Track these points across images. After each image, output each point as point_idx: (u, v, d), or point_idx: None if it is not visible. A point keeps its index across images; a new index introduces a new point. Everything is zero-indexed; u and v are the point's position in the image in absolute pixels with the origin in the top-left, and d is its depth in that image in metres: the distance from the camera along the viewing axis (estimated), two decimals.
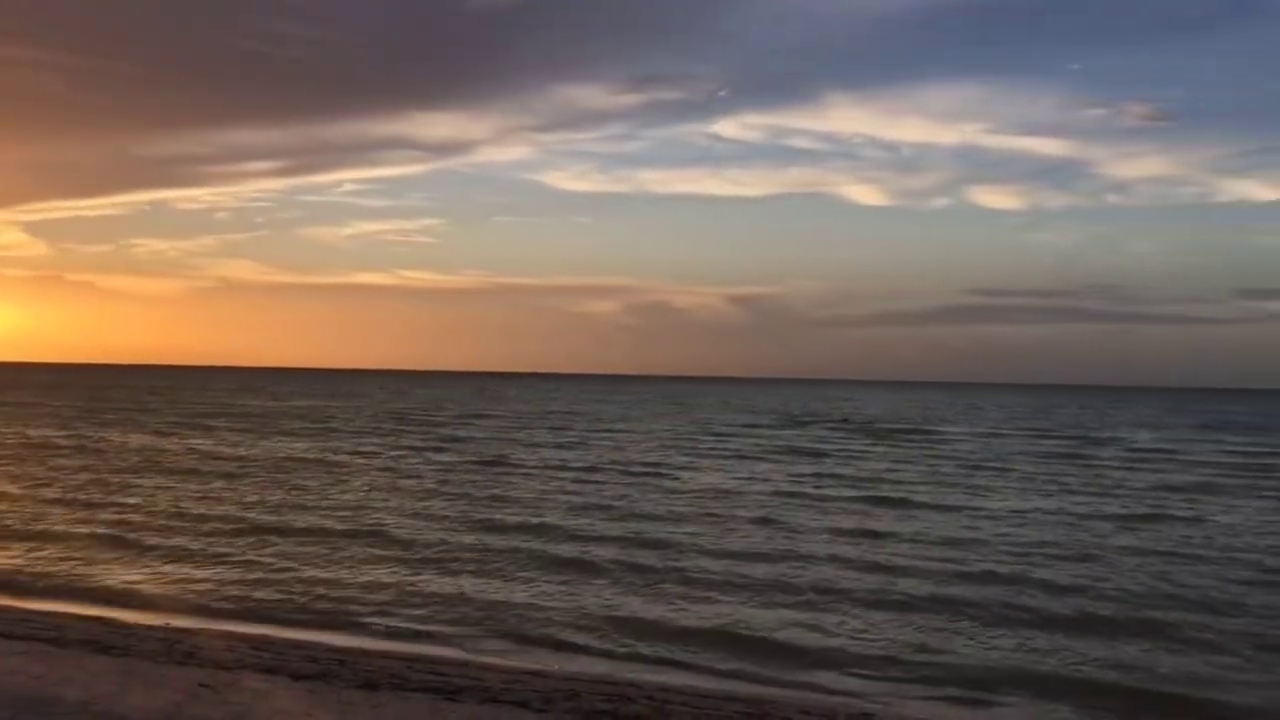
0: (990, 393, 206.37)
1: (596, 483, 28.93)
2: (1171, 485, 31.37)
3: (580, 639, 12.47)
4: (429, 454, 37.37)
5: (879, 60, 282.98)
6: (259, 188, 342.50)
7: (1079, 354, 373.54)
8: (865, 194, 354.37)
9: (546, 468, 32.87)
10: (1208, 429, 69.56)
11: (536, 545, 18.52)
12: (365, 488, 26.86)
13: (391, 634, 12.71)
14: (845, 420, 73.73)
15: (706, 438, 49.75)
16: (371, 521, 20.92)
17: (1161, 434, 62.07)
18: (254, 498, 24.57)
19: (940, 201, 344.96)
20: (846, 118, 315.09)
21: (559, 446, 42.29)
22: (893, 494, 27.08)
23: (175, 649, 10.80)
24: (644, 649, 12.12)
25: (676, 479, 30.30)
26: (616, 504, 24.40)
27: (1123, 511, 24.67)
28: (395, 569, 16.31)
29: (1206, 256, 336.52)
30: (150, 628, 12.30)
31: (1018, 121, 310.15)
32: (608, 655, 11.87)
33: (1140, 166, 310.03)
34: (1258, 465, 39.78)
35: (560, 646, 12.20)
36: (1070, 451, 45.50)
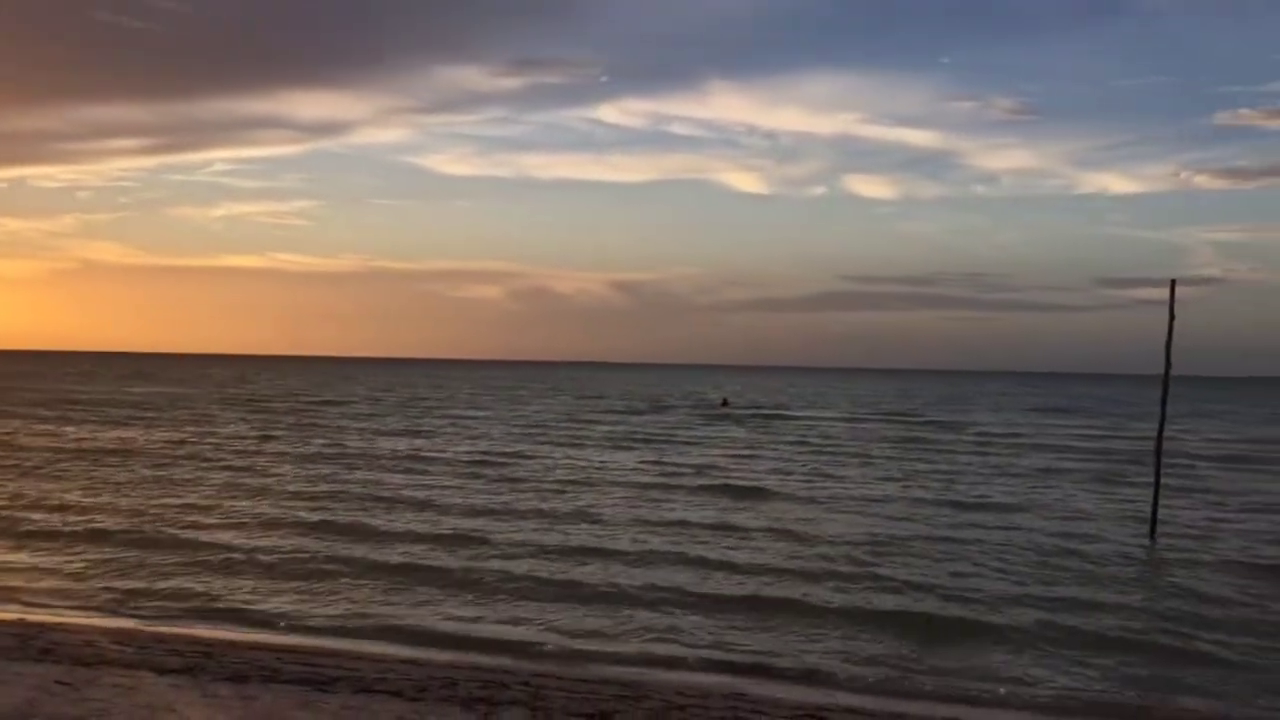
0: (865, 378, 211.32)
1: (431, 474, 27.41)
2: (1009, 470, 32.03)
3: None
4: (260, 442, 35.86)
5: (759, 49, 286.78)
6: (124, 166, 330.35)
7: (949, 340, 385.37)
8: (745, 181, 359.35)
9: (382, 457, 31.38)
10: (1060, 412, 72.23)
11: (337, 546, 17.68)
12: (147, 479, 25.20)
13: (259, 625, 12.41)
14: (725, 403, 74.65)
15: (568, 424, 49.20)
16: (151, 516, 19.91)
17: (1003, 416, 64.39)
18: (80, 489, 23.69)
19: (817, 190, 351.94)
20: (727, 105, 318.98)
21: (406, 434, 40.70)
22: (741, 482, 26.48)
23: (30, 645, 10.36)
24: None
25: (522, 467, 29.34)
26: (440, 500, 22.66)
27: (950, 498, 24.65)
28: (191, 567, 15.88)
29: (1068, 246, 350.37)
30: (3, 623, 11.77)
31: (891, 113, 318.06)
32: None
33: (1006, 159, 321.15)
34: (1089, 449, 41.49)
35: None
36: (915, 435, 46.15)
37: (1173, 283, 20.27)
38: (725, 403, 75.28)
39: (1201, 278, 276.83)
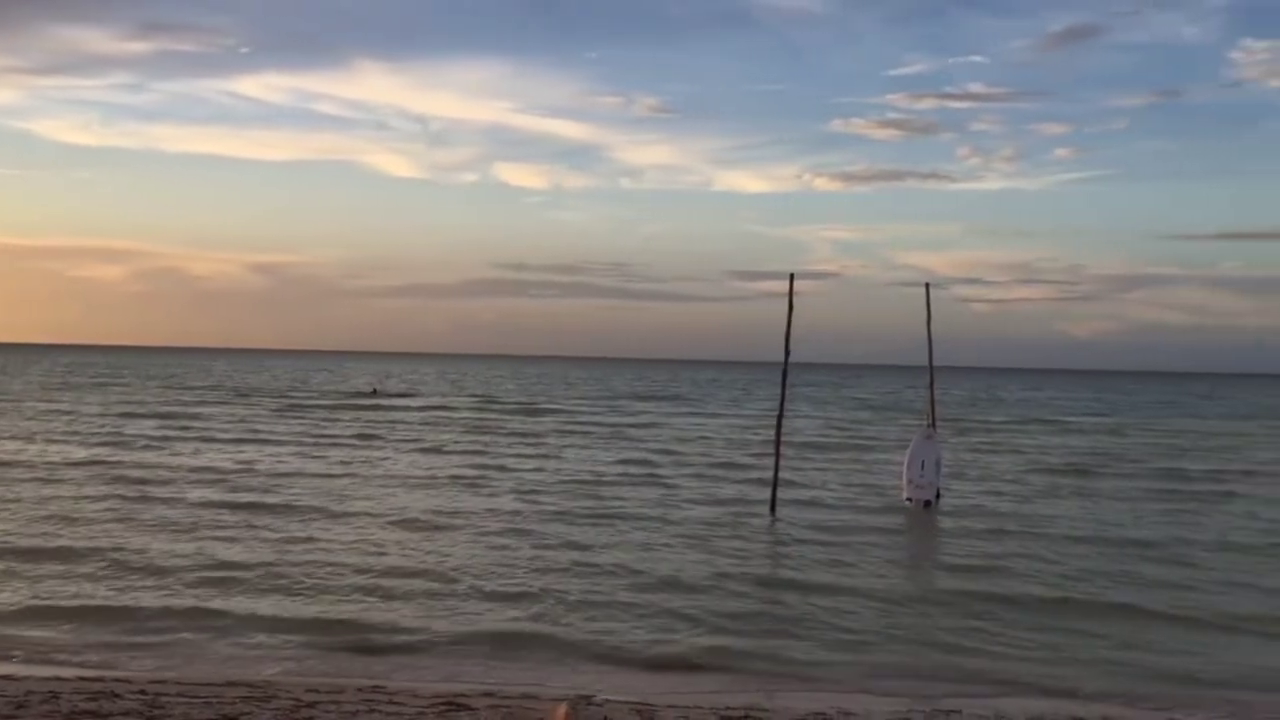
0: (513, 365, 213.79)
1: None
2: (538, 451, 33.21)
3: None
4: None
5: (411, 31, 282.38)
6: None
7: (597, 328, 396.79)
8: (395, 165, 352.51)
9: None
10: (655, 399, 74.77)
11: None
12: None
13: None
14: (375, 392, 73.21)
15: (118, 421, 42.07)
16: None
17: (591, 403, 66.14)
18: None
19: (469, 176, 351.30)
20: (376, 87, 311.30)
21: None
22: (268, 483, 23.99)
23: None
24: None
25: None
26: None
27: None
28: None
29: (705, 240, 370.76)
30: None
31: (542, 104, 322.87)
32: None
33: (649, 154, 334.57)
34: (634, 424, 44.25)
35: None
36: (487, 424, 45.90)
37: (791, 276, 21.90)
38: (375, 391, 73.86)
39: (820, 272, 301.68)
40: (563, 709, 8.40)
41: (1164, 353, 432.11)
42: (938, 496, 22.24)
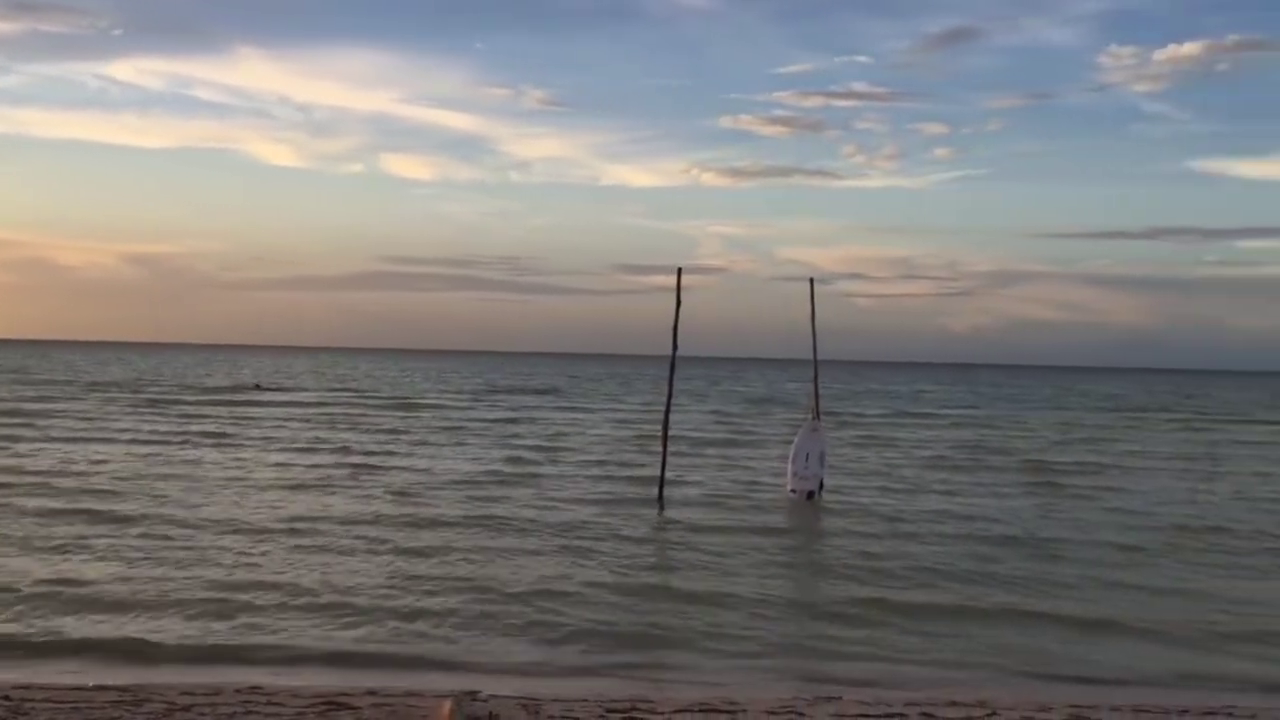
0: (400, 358, 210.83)
1: None
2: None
3: None
4: None
5: (293, 17, 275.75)
6: None
7: (486, 322, 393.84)
8: (276, 154, 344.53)
9: None
10: (538, 393, 73.94)
11: None
12: None
13: None
14: (258, 386, 71.48)
15: None
16: None
17: (472, 398, 65.08)
18: None
19: (353, 167, 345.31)
20: (257, 74, 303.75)
21: None
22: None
23: None
24: None
25: None
26: None
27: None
28: None
29: (593, 234, 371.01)
30: None
31: (429, 94, 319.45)
32: None
33: (539, 147, 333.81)
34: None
35: None
36: (361, 419, 44.95)
37: (679, 270, 22.08)
38: (258, 386, 72.18)
39: (708, 267, 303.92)
40: (447, 705, 8.36)
41: (1037, 347, 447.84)
42: (820, 488, 22.68)
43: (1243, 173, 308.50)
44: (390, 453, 31.02)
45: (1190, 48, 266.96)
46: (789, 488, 22.84)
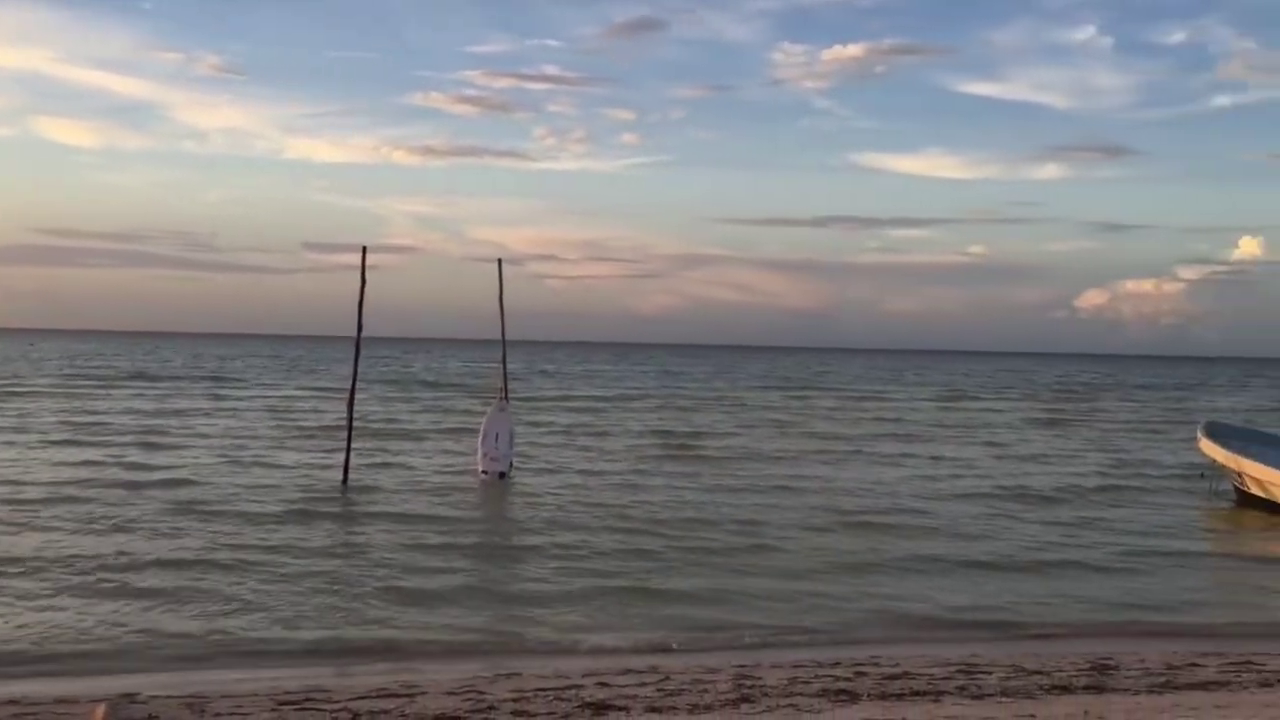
0: (59, 339, 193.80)
1: None
2: None
3: None
4: None
5: None
6: None
7: (157, 300, 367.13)
8: None
9: None
10: (208, 379, 72.87)
11: None
12: None
13: None
14: None
15: None
16: None
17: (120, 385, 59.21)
18: None
19: (4, 131, 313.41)
20: None
21: None
22: None
23: None
24: None
25: None
26: None
27: None
28: None
29: (277, 210, 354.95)
30: None
31: (91, 55, 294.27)
32: None
33: (216, 117, 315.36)
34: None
35: None
36: None
37: (363, 249, 21.59)
38: None
39: (398, 246, 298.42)
40: (101, 709, 7.85)
41: (718, 328, 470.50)
42: (511, 468, 22.89)
43: (897, 167, 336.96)
44: None
45: (853, 49, 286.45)
46: (479, 469, 22.87)
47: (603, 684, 9.22)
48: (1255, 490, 21.32)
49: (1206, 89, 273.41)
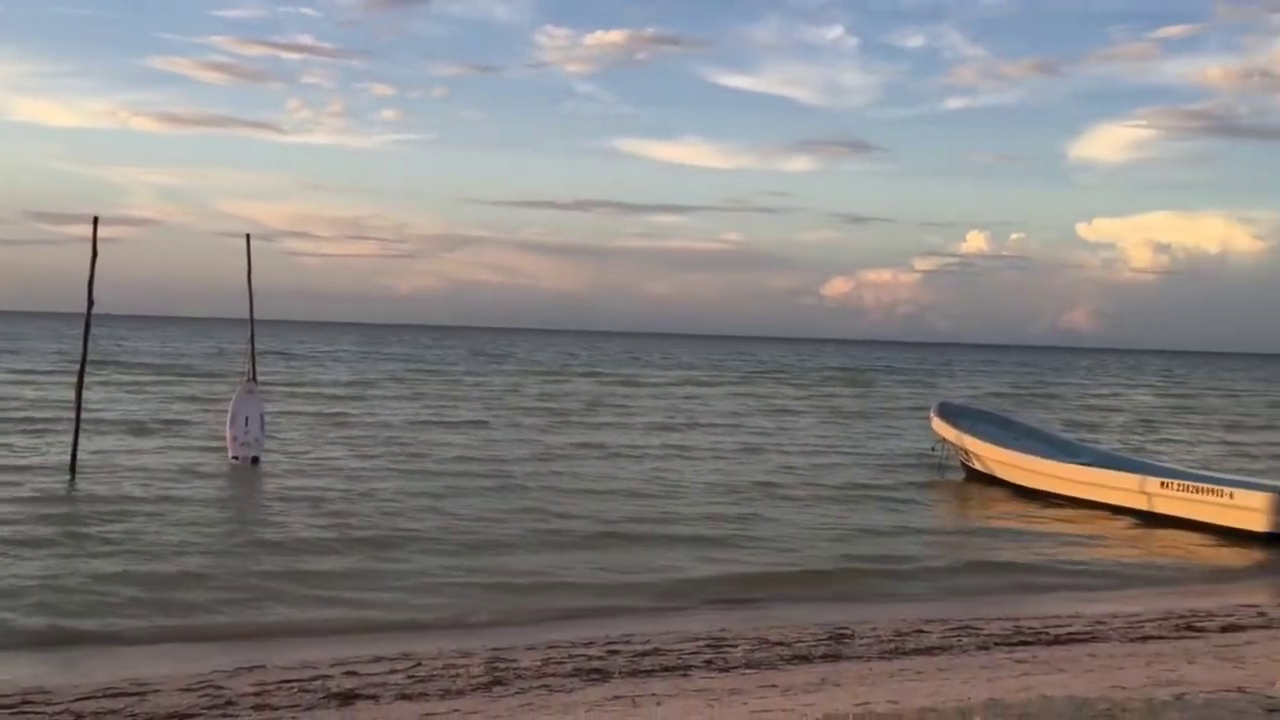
0: None
1: None
2: None
3: None
4: None
5: None
6: None
7: None
8: None
9: None
10: None
11: None
12: None
13: None
14: None
15: None
16: None
17: None
18: None
19: None
20: None
21: None
22: None
23: None
24: None
25: None
26: None
27: None
28: None
29: (2, 176, 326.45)
30: None
31: None
32: None
33: None
34: None
35: None
36: None
37: (95, 220, 20.19)
38: None
39: (138, 218, 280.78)
40: None
41: (478, 309, 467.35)
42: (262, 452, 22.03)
43: (657, 154, 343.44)
44: None
45: (616, 35, 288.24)
46: (230, 454, 21.83)
47: (351, 673, 8.99)
48: (978, 466, 23.00)
49: (941, 91, 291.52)
